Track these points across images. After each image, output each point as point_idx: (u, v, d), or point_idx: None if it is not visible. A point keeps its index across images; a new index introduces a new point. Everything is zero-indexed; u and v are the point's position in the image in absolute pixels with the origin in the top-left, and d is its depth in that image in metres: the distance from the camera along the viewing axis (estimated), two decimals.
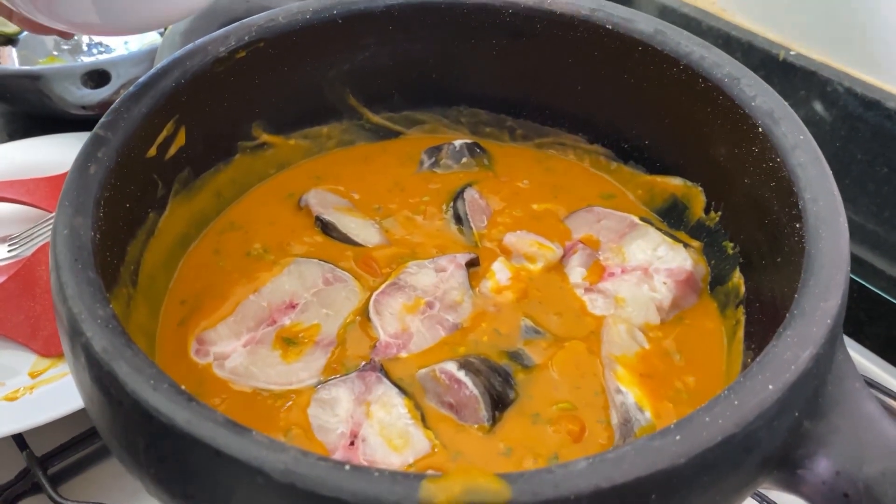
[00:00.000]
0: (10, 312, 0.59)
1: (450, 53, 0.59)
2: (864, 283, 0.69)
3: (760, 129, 0.45)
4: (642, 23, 0.52)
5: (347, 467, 0.29)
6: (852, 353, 0.63)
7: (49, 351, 0.58)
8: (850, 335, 0.66)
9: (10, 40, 0.88)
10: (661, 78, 0.52)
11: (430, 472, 0.31)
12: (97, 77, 0.73)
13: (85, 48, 0.90)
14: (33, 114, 0.82)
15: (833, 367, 0.35)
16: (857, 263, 0.70)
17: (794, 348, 0.32)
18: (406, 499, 0.28)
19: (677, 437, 0.29)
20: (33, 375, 0.57)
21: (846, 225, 0.38)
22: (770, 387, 0.31)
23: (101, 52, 0.88)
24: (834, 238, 0.37)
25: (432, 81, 0.61)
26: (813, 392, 0.34)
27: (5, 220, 0.69)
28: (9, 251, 0.65)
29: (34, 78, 0.74)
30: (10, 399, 0.54)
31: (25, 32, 0.88)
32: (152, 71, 0.49)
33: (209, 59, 0.51)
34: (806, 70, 0.67)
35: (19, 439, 0.55)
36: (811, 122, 0.68)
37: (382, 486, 0.28)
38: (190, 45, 0.51)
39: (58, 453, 0.55)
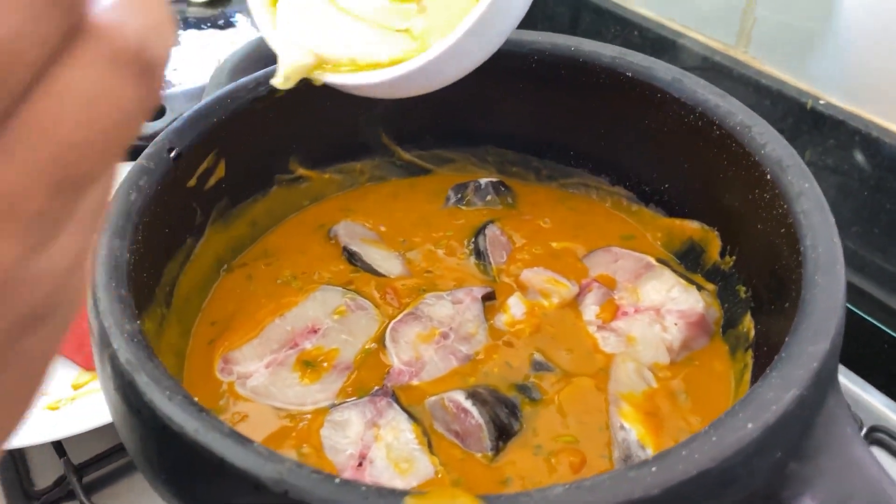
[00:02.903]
0: None
1: (479, 96, 0.61)
2: (892, 333, 0.68)
3: (769, 177, 0.46)
4: (661, 70, 0.54)
5: (337, 480, 0.31)
6: (877, 403, 0.63)
7: (91, 365, 0.61)
8: (879, 387, 0.66)
9: None
10: (679, 124, 0.53)
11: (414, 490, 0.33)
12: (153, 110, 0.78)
13: None
14: None
15: (823, 411, 0.35)
16: (886, 313, 0.70)
17: (777, 389, 0.33)
18: None
19: (653, 469, 0.31)
20: (76, 387, 0.61)
21: (843, 273, 0.39)
22: (749, 425, 0.32)
23: None
24: (830, 285, 0.38)
25: (462, 122, 0.63)
26: (798, 434, 0.34)
27: None
28: None
29: None
30: (52, 408, 0.58)
31: None
32: (196, 107, 0.53)
33: (249, 97, 0.54)
34: (835, 119, 0.68)
35: (59, 447, 0.58)
36: (840, 172, 0.69)
37: (368, 500, 0.30)
38: (233, 84, 0.55)
39: (94, 462, 0.58)
